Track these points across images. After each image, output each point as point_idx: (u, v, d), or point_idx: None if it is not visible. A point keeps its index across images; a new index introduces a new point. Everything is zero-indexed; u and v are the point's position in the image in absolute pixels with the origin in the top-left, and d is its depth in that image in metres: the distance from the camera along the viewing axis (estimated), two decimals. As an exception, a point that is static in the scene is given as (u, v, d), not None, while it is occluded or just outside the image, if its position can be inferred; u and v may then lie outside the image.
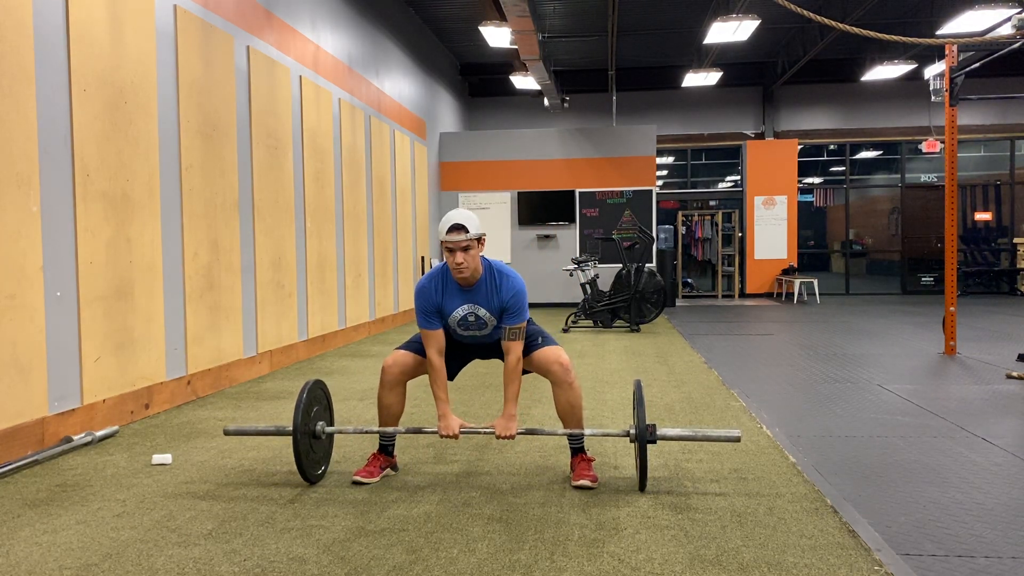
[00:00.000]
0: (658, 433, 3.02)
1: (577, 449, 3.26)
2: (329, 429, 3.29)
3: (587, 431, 3.23)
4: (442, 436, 3.17)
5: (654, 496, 3.03)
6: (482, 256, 3.17)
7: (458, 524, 2.75)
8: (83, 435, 3.93)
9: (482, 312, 3.18)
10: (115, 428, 4.18)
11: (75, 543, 2.62)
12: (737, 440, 3.15)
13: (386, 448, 3.35)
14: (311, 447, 3.19)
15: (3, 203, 3.56)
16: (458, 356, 3.40)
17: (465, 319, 3.20)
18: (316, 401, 3.24)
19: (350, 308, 8.27)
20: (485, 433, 3.20)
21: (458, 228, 3.05)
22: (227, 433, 3.36)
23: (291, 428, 3.08)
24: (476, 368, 6.09)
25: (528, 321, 3.24)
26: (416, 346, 3.29)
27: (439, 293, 3.19)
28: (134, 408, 4.53)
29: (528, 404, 4.80)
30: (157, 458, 3.63)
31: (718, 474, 3.33)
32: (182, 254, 5.07)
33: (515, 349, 3.15)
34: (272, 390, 5.51)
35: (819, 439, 4.05)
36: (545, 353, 3.20)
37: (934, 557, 2.51)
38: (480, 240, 3.11)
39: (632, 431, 3.05)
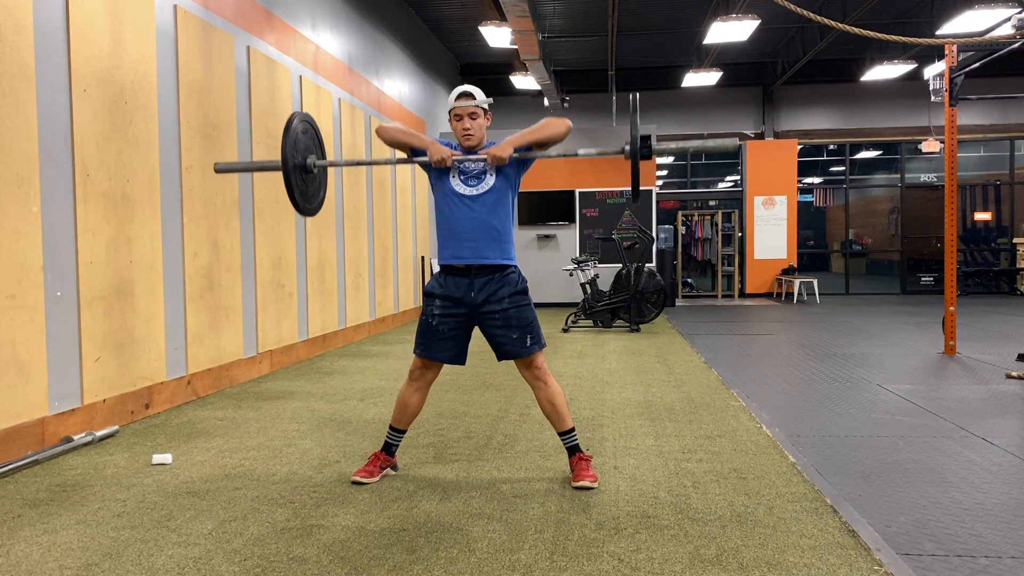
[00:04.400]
0: (654, 148, 3.05)
1: (573, 448, 3.25)
2: (319, 162, 3.34)
3: (580, 151, 3.27)
4: (434, 163, 3.12)
5: (654, 496, 3.04)
6: None
7: (458, 524, 2.75)
8: (83, 435, 3.93)
9: (483, 155, 3.18)
10: (115, 428, 4.18)
11: (75, 543, 2.62)
12: (736, 148, 3.13)
13: (389, 447, 3.35)
14: (303, 180, 3.24)
15: (3, 203, 3.56)
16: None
17: (465, 165, 3.19)
18: (303, 134, 3.27)
19: (350, 308, 8.27)
20: (478, 160, 3.15)
21: (467, 95, 3.16)
22: (217, 170, 3.53)
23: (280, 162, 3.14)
24: (476, 368, 6.13)
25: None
26: (433, 352, 3.25)
27: (447, 146, 3.24)
28: (134, 408, 4.53)
29: (528, 404, 4.80)
30: (157, 458, 3.63)
31: (718, 474, 3.33)
32: (182, 254, 5.07)
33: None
34: (272, 390, 5.51)
35: (819, 439, 4.06)
36: (517, 363, 3.23)
37: (934, 557, 2.51)
38: (487, 113, 3.21)
39: (627, 147, 3.03)
